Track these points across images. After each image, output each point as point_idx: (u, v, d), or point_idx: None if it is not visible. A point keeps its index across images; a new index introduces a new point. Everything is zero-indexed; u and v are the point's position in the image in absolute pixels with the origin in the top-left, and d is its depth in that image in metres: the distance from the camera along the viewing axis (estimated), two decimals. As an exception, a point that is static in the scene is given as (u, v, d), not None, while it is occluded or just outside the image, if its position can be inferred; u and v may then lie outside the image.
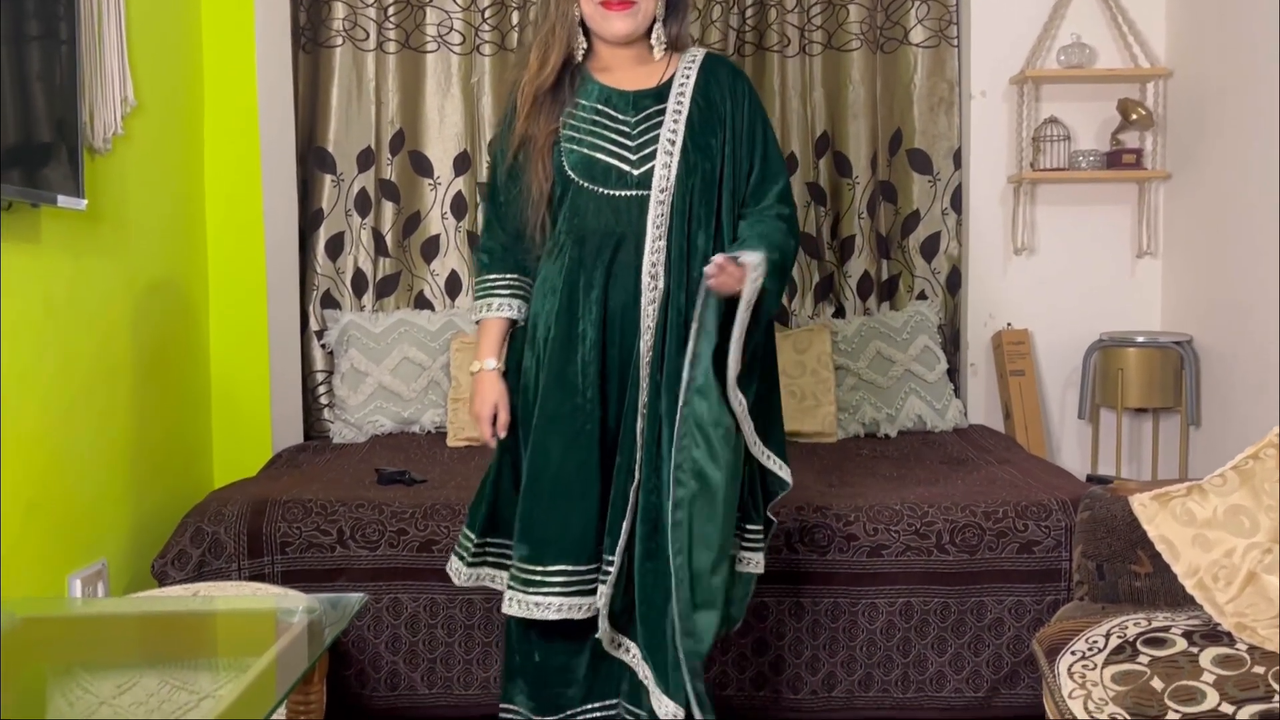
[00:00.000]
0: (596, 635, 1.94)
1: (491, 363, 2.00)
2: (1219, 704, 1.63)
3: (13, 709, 1.52)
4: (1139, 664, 1.76)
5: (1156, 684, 1.70)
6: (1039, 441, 3.26)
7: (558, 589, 1.90)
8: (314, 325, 3.45)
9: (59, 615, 2.01)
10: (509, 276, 2.02)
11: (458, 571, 2.04)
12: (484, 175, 3.48)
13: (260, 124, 3.02)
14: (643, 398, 1.91)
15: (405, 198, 3.49)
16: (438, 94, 3.48)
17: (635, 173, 1.93)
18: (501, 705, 2.04)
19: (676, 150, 1.92)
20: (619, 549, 1.90)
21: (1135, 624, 1.89)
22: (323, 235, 3.44)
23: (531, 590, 1.91)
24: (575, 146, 1.94)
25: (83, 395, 2.30)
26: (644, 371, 1.91)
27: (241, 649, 1.85)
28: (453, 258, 3.51)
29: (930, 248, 3.51)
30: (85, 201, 2.13)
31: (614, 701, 2.00)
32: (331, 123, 3.43)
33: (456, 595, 2.38)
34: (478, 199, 3.50)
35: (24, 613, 1.93)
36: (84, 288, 2.31)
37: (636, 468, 1.90)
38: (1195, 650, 1.78)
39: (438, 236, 3.50)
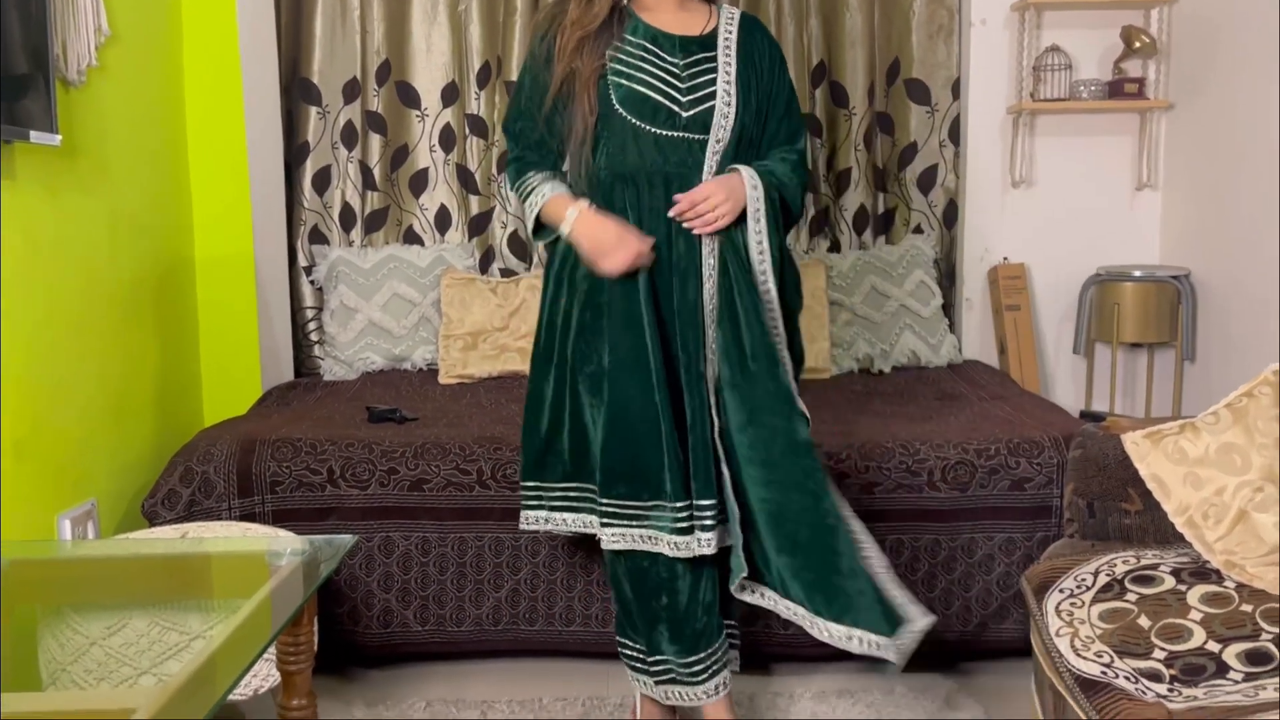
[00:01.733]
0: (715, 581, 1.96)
1: (576, 208, 1.91)
2: (1205, 642, 1.64)
3: (3, 650, 1.52)
4: (1126, 602, 1.77)
5: (1143, 622, 1.70)
6: (1033, 377, 3.24)
7: (663, 524, 1.88)
8: (302, 261, 3.41)
9: (48, 557, 2.01)
10: (552, 172, 2.01)
11: (539, 519, 2.04)
12: (472, 107, 3.41)
13: (241, 54, 2.95)
14: (711, 343, 1.91)
15: (392, 130, 3.42)
16: (424, 22, 3.39)
17: (684, 115, 1.92)
18: (652, 660, 1.98)
19: (734, 98, 1.93)
20: (727, 493, 1.89)
21: (1124, 562, 1.89)
22: (309, 169, 3.38)
23: (637, 524, 1.89)
24: (624, 81, 1.91)
25: (67, 334, 2.27)
26: (710, 319, 1.91)
27: (231, 590, 1.85)
28: (441, 192, 3.45)
29: (927, 180, 3.46)
30: (59, 137, 2.08)
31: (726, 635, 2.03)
32: (315, 52, 3.35)
33: (448, 534, 2.38)
34: (466, 131, 3.43)
35: (13, 555, 1.92)
36: (64, 225, 2.27)
37: (713, 413, 1.90)
38: (1183, 588, 1.78)
39: (426, 170, 3.44)
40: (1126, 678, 1.59)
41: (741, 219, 1.92)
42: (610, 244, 1.86)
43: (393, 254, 3.37)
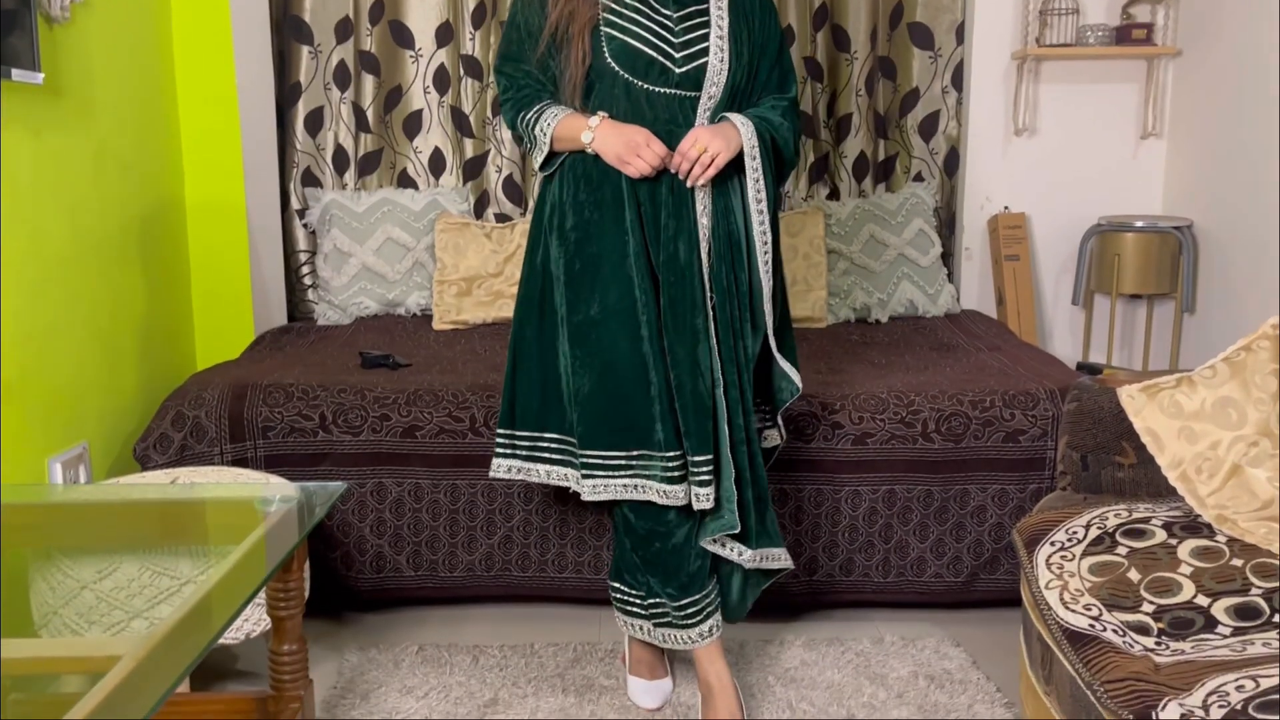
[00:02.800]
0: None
1: (597, 118, 1.85)
2: (1194, 596, 1.64)
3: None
4: (1117, 555, 1.77)
5: (1133, 575, 1.70)
6: (1031, 328, 3.23)
7: (652, 472, 1.88)
8: (295, 204, 3.37)
9: (39, 501, 2.01)
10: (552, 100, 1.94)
11: (498, 465, 2.03)
12: (467, 48, 3.35)
13: (230, -10, 2.88)
14: (711, 302, 1.89)
15: (386, 71, 3.36)
16: (418, -41, 3.32)
17: (677, 71, 1.87)
18: (648, 604, 1.99)
19: (726, 54, 1.88)
20: (723, 447, 1.88)
21: (1116, 515, 1.89)
22: (301, 110, 3.32)
23: (621, 475, 1.89)
24: (617, 34, 1.87)
25: (54, 275, 2.24)
26: (708, 275, 1.88)
27: (223, 536, 1.85)
28: (436, 134, 3.40)
29: (929, 127, 3.41)
30: (42, 75, 2.04)
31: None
32: (307, -11, 3.28)
33: (441, 480, 2.37)
34: (460, 72, 3.37)
35: (3, 499, 1.92)
36: (47, 165, 2.23)
37: (714, 369, 1.88)
38: (1174, 542, 1.78)
39: (420, 112, 3.39)
40: (1115, 631, 1.59)
41: (736, 169, 1.89)
42: (641, 142, 1.81)
43: (386, 198, 3.33)
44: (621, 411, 1.86)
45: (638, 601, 1.99)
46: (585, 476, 1.90)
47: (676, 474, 1.86)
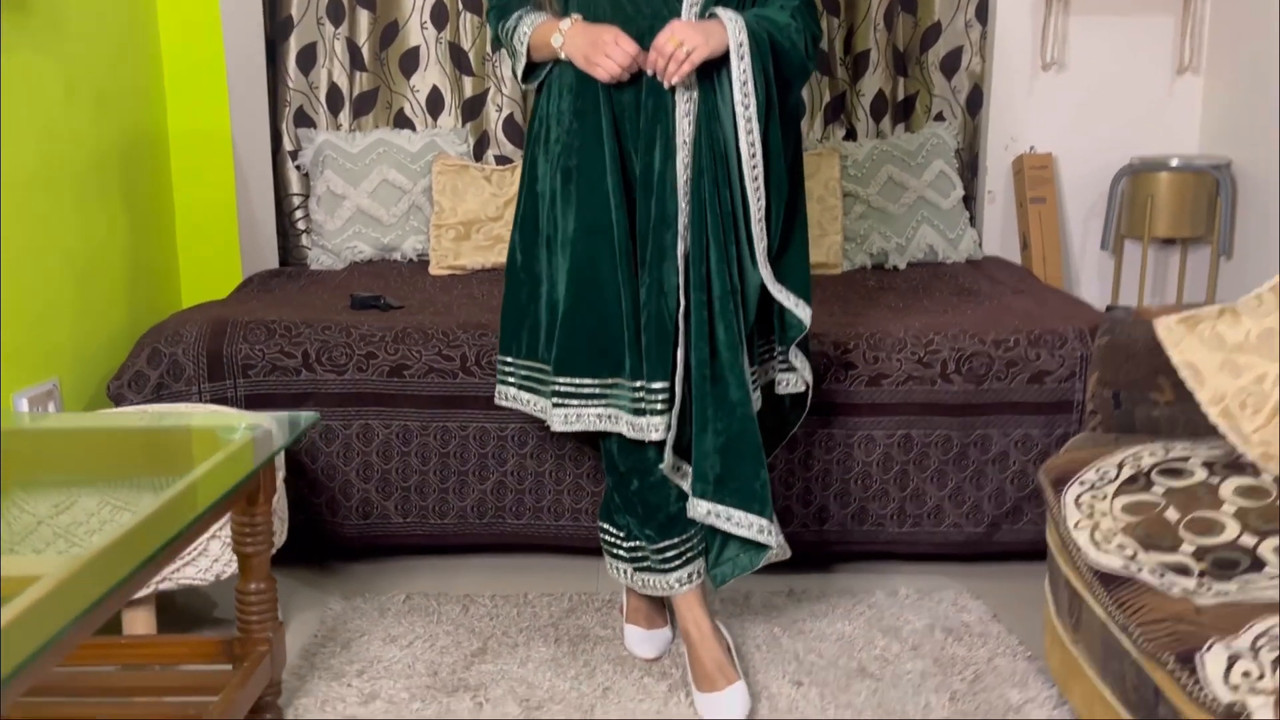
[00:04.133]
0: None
1: (567, 20, 1.72)
2: (1239, 536, 1.49)
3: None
4: (1153, 495, 1.62)
5: (1171, 515, 1.56)
6: (1057, 274, 3.06)
7: (622, 403, 1.76)
8: (288, 145, 3.24)
9: (-4, 433, 1.89)
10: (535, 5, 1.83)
11: (508, 395, 1.92)
12: (466, -21, 3.20)
13: (215, -86, 2.74)
14: (683, 218, 1.71)
15: (381, 5, 3.21)
16: (414, -114, 3.17)
17: None
18: (628, 546, 1.86)
19: None
20: (677, 376, 1.73)
21: (1151, 454, 1.74)
22: (293, 46, 3.18)
23: (594, 404, 1.76)
24: None
25: (21, 203, 2.12)
26: (681, 189, 1.71)
27: (188, 468, 1.73)
28: (434, 72, 3.26)
29: (951, 64, 3.24)
30: (0, -18, 1.91)
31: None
32: (298, -82, 3.13)
33: (430, 422, 2.25)
34: (459, 6, 3.22)
35: (-45, 431, 1.80)
36: (15, 85, 2.10)
37: (680, 292, 1.71)
38: (1215, 481, 1.63)
39: (417, 49, 3.24)
40: (1151, 571, 1.45)
41: (723, 66, 1.70)
42: (609, 40, 1.66)
43: (382, 138, 3.20)
44: (596, 336, 1.74)
45: (620, 543, 1.86)
46: (556, 405, 1.78)
47: (648, 405, 1.73)
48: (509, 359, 1.90)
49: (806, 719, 1.71)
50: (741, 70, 1.68)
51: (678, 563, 1.80)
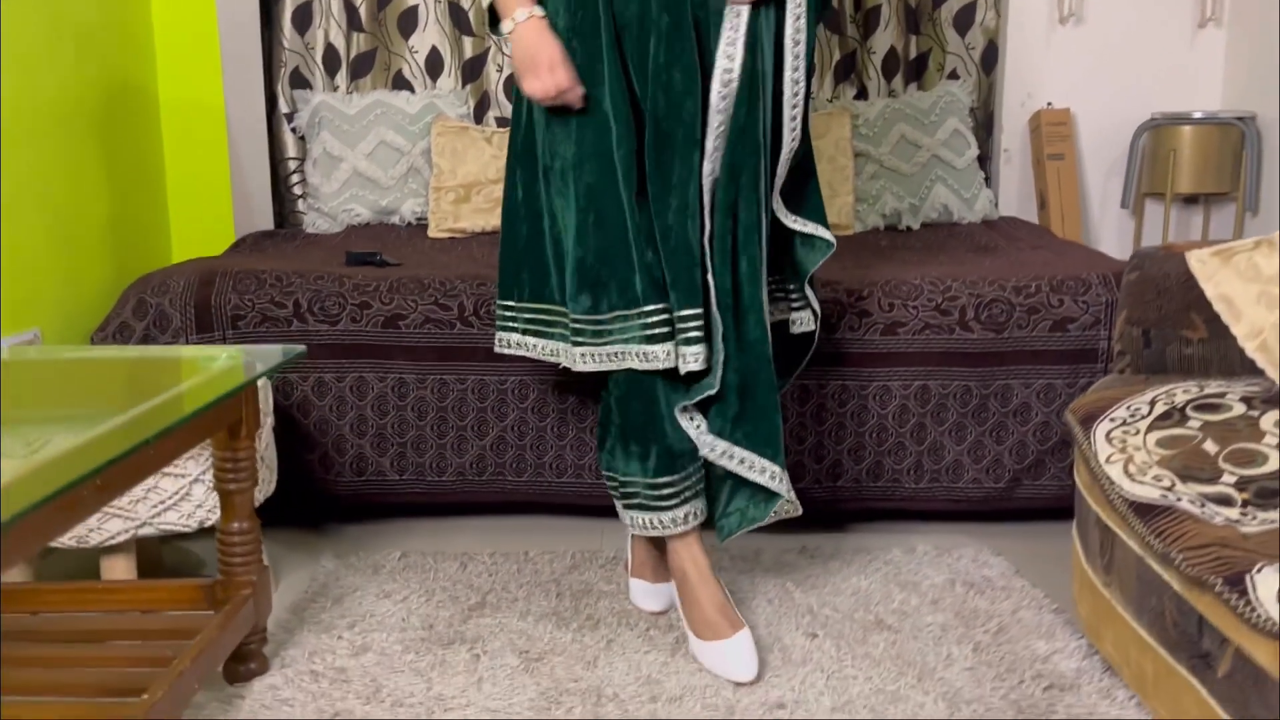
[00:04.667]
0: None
1: (527, 11, 1.60)
2: (1285, 465, 1.39)
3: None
4: (1189, 428, 1.53)
5: (1209, 447, 1.46)
6: (1076, 233, 2.97)
7: (630, 334, 1.64)
8: (284, 107, 3.16)
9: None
10: None
11: (511, 341, 1.80)
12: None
13: None
14: (714, 140, 1.62)
15: (379, -38, 3.13)
16: None
17: None
18: (623, 482, 1.72)
19: None
20: (711, 300, 1.64)
21: (1185, 391, 1.64)
22: (289, 4, 3.10)
23: (602, 341, 1.64)
24: None
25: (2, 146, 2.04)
26: (716, 108, 1.61)
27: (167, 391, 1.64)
28: (433, 33, 3.17)
29: (964, 20, 3.14)
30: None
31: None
32: (293, -127, 3.05)
33: (427, 375, 2.16)
34: (459, -37, 3.14)
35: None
36: (-7, 24, 2.03)
37: (707, 214, 1.64)
38: (1255, 414, 1.53)
39: (416, 9, 3.16)
40: (1191, 502, 1.36)
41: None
42: (542, 66, 1.59)
43: (380, 99, 3.12)
44: (602, 266, 1.63)
45: (614, 476, 1.73)
46: (575, 344, 1.67)
47: (658, 332, 1.62)
48: (510, 303, 1.80)
49: (822, 669, 1.62)
50: (797, 4, 1.62)
51: (674, 501, 1.68)
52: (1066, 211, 2.95)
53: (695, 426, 1.69)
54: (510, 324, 1.80)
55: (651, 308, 1.63)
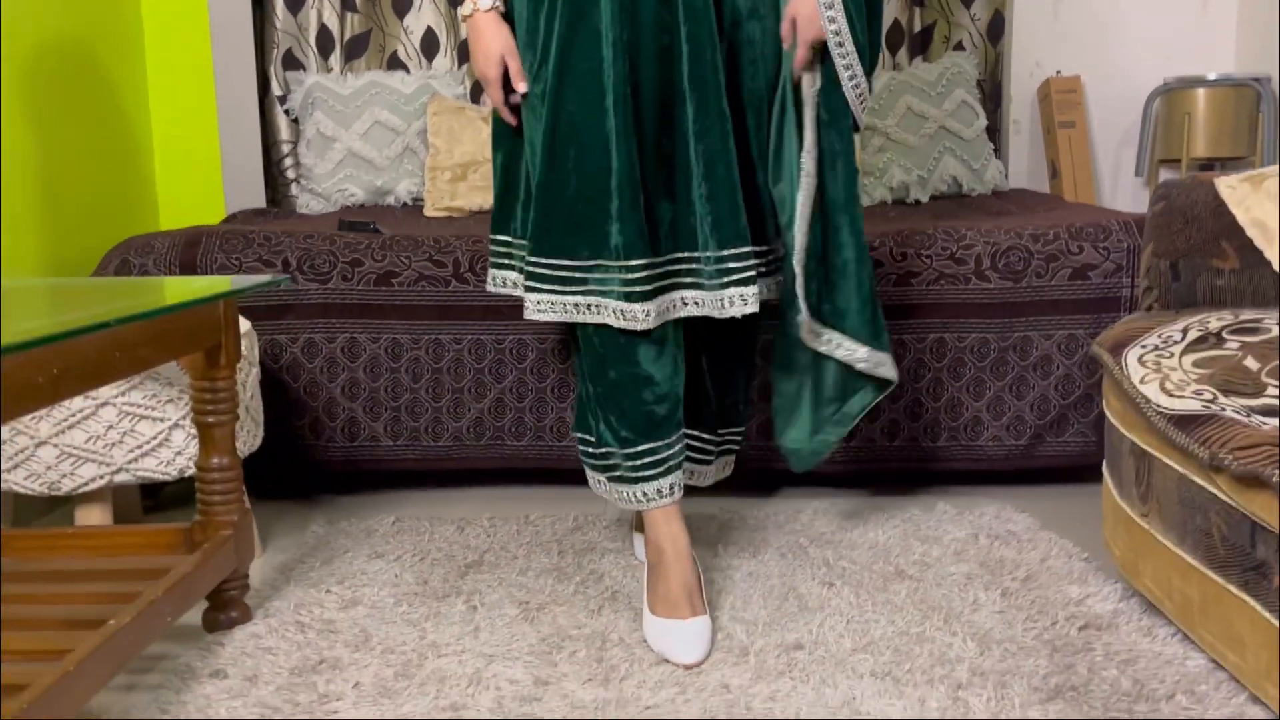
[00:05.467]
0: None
1: (490, 1, 1.52)
2: (1334, 375, 1.30)
3: None
4: (1228, 349, 1.44)
5: (1251, 364, 1.37)
6: (1089, 202, 2.89)
7: (609, 287, 1.48)
8: (276, 89, 3.10)
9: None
10: None
11: (492, 277, 1.68)
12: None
13: None
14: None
15: (373, -59, 3.09)
16: None
17: None
18: (599, 452, 1.60)
19: None
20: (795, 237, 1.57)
21: (1219, 319, 1.55)
22: (281, -16, 3.05)
23: (572, 290, 1.48)
24: None
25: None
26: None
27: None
28: (428, 13, 3.12)
29: (970, -9, 3.09)
30: None
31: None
32: None
33: (421, 335, 2.08)
34: (454, -60, 3.10)
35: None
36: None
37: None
38: (1298, 332, 1.44)
39: (411, -12, 3.11)
40: (1236, 412, 1.27)
41: None
42: (480, 70, 1.53)
43: (375, 80, 3.06)
44: (576, 206, 1.46)
45: (590, 447, 1.61)
46: (529, 290, 1.50)
47: (640, 288, 1.46)
48: (502, 238, 1.67)
49: (840, 614, 1.51)
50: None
51: (653, 472, 1.52)
52: (1079, 179, 2.87)
53: (838, 348, 1.64)
54: (504, 260, 1.67)
55: (635, 261, 1.45)
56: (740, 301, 1.50)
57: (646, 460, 1.53)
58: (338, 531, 1.91)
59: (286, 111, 3.10)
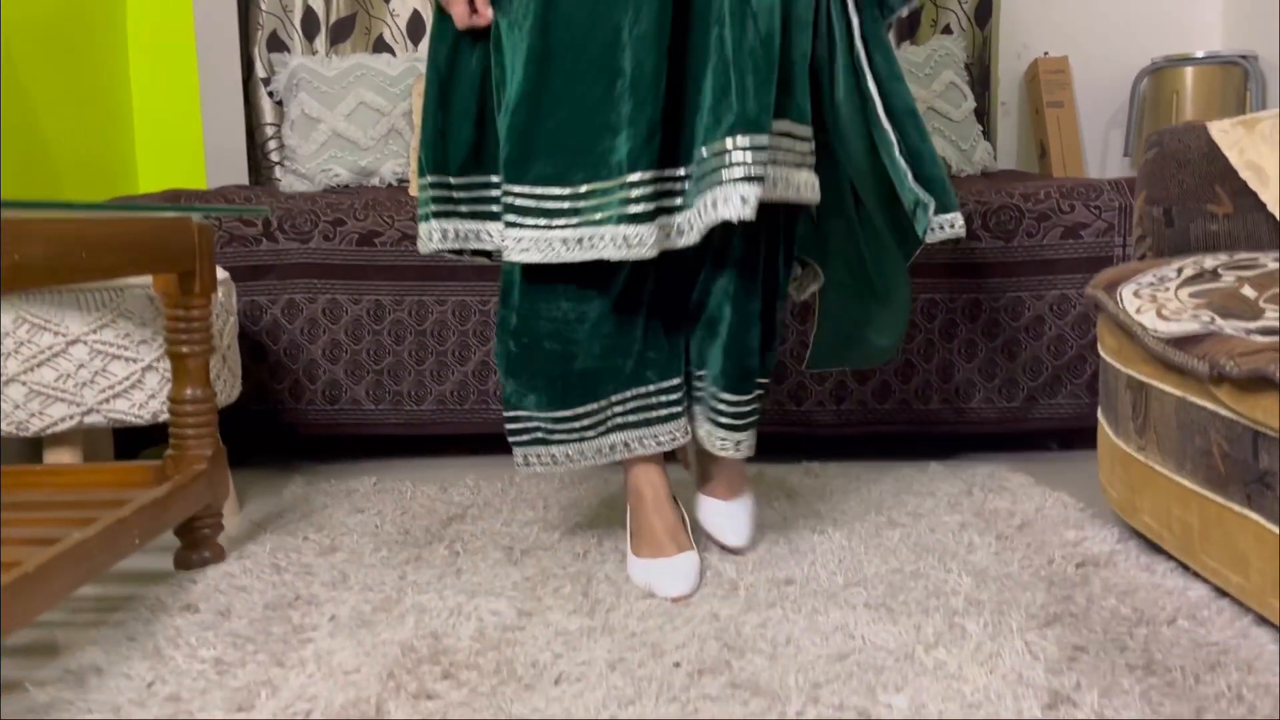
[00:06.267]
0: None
1: None
2: (1333, 297, 1.28)
3: None
4: (1224, 282, 1.41)
5: (1249, 292, 1.35)
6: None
7: (608, 210, 1.28)
8: (260, 71, 3.07)
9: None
10: None
11: (431, 232, 1.41)
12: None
13: None
14: None
15: (359, -76, 3.07)
16: None
17: None
18: (506, 415, 1.48)
19: None
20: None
21: (1214, 258, 1.53)
22: (266, -34, 3.03)
23: (561, 223, 1.29)
24: None
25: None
26: None
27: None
28: (415, -5, 3.10)
29: (956, -26, 3.09)
30: None
31: (675, 382, 1.43)
32: None
33: (404, 296, 2.04)
34: (441, -77, 3.08)
35: None
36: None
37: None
38: (1294, 266, 1.42)
39: (397, -30, 3.09)
40: (1234, 330, 1.24)
41: None
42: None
43: (360, 62, 3.03)
44: (567, 119, 1.28)
45: (516, 412, 1.46)
46: (509, 225, 1.30)
47: (645, 208, 1.27)
48: (441, 177, 1.40)
49: (834, 558, 1.47)
50: None
51: (586, 432, 1.41)
52: (1068, 159, 2.86)
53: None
54: (437, 207, 1.41)
55: (641, 175, 1.26)
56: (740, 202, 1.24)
57: (575, 425, 1.42)
58: (317, 491, 1.87)
59: (270, 94, 3.07)
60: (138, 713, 1.04)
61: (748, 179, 1.24)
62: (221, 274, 1.74)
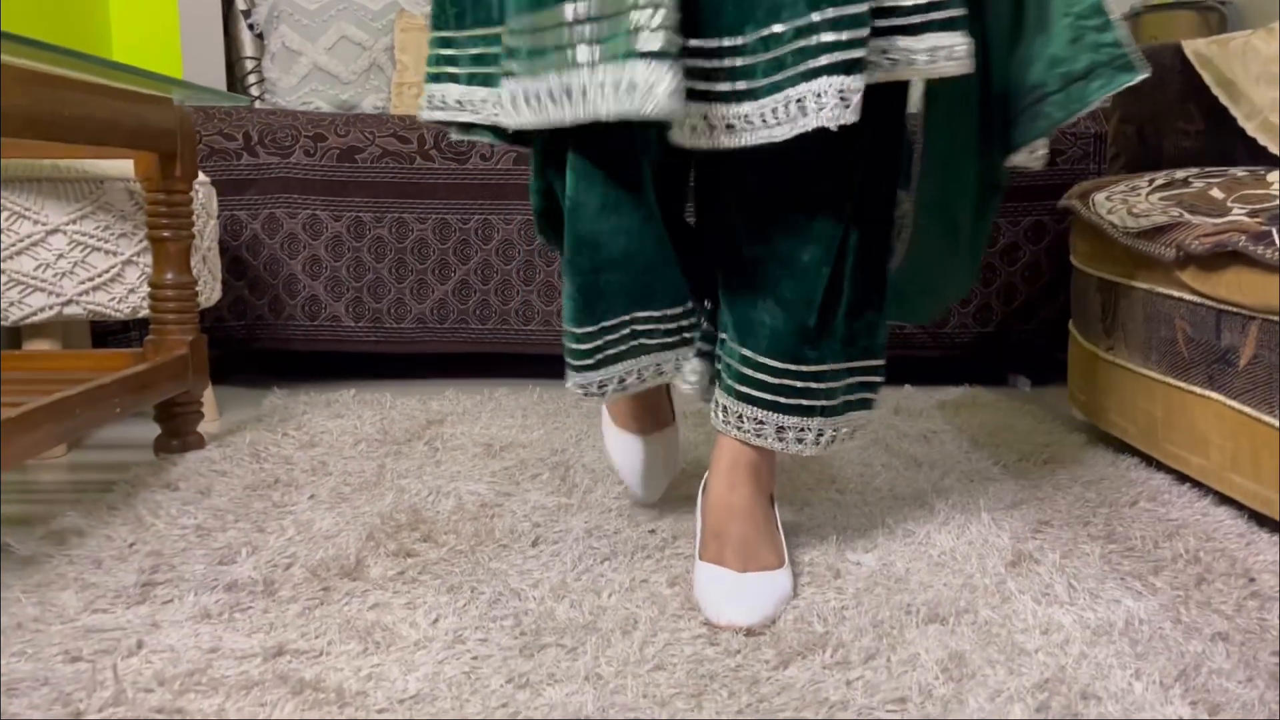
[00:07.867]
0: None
1: None
2: (1298, 194, 1.31)
3: None
4: (1194, 187, 1.44)
5: (1217, 194, 1.37)
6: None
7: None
8: (240, 4, 3.04)
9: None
10: None
11: (439, 98, 1.16)
12: None
13: None
14: None
15: None
16: None
17: None
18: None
19: None
20: None
21: (1185, 171, 1.56)
22: (247, -104, 3.00)
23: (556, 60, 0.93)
24: None
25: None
26: None
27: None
28: (398, -70, 3.08)
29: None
30: None
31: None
32: None
33: (385, 213, 2.04)
34: None
35: None
36: None
37: None
38: (1262, 171, 1.45)
39: (380, -96, 3.07)
40: (1200, 222, 1.27)
41: None
42: None
43: (342, -5, 3.01)
44: None
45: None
46: (507, 76, 0.98)
47: (665, 44, 0.86)
48: (453, 33, 1.12)
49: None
50: None
51: (597, 362, 1.06)
52: (1046, 104, 2.89)
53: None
54: (444, 67, 1.15)
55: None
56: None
57: (586, 345, 1.06)
58: (296, 401, 1.88)
59: (251, 26, 3.05)
60: (119, 568, 1.05)
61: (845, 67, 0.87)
62: (203, 178, 1.73)
